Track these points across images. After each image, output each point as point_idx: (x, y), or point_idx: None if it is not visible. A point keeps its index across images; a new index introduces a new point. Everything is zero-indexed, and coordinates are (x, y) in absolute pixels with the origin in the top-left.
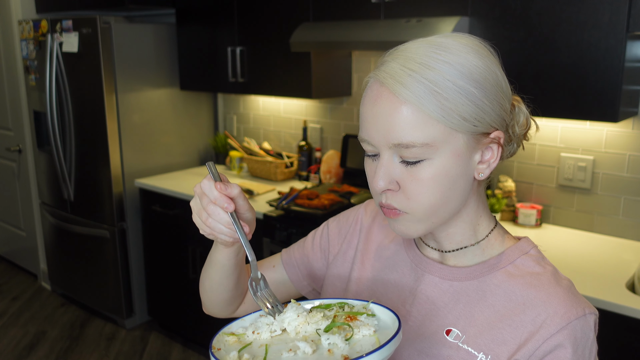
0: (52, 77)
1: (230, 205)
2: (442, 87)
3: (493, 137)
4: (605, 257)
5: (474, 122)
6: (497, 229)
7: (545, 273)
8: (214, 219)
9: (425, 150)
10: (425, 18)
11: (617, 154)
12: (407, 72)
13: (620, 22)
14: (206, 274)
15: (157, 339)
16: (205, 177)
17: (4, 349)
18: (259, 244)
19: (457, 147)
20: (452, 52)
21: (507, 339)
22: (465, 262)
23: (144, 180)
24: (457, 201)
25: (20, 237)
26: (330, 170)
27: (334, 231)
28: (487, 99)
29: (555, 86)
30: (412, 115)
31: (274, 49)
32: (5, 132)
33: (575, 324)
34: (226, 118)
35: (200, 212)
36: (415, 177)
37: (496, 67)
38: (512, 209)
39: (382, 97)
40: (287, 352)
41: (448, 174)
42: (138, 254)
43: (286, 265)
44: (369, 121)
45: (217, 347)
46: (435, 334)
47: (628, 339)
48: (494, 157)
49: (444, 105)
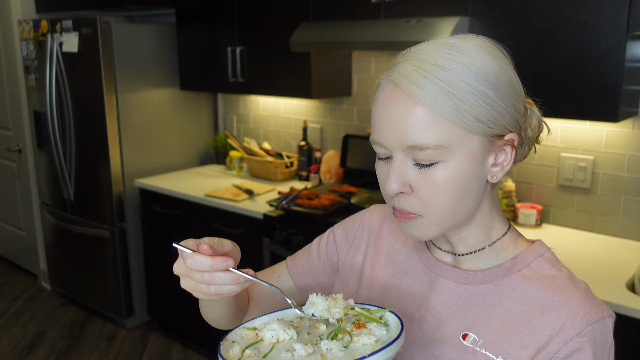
0: (52, 77)
1: (229, 261)
2: (456, 88)
3: (507, 139)
4: (605, 257)
5: (488, 123)
6: (511, 231)
7: (562, 276)
8: (217, 284)
9: (440, 153)
10: (425, 18)
11: (617, 154)
12: (421, 73)
13: (620, 22)
14: (206, 309)
15: (157, 339)
16: (183, 257)
17: (4, 349)
18: (259, 244)
19: (472, 150)
20: (466, 54)
21: (526, 343)
22: (480, 266)
23: (144, 180)
24: (470, 204)
25: (20, 237)
26: (330, 170)
27: (341, 237)
28: (502, 101)
29: (555, 86)
30: (427, 117)
31: (274, 49)
32: (5, 132)
33: (595, 326)
34: (226, 118)
35: (199, 287)
36: (429, 180)
37: (509, 68)
38: (512, 209)
39: (395, 98)
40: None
41: (462, 177)
42: (138, 254)
43: (292, 274)
44: (381, 122)
45: (231, 340)
46: (452, 338)
47: (628, 339)
48: (508, 159)
49: (458, 106)
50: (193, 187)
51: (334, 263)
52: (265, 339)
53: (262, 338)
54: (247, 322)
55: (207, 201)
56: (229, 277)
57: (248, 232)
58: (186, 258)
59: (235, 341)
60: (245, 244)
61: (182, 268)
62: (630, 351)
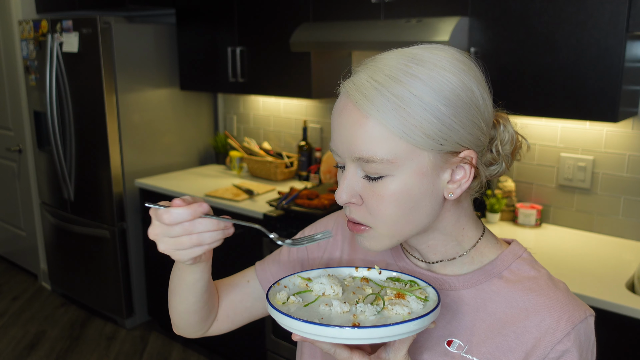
0: (52, 77)
1: (204, 205)
2: (407, 103)
3: (463, 156)
4: (605, 257)
5: (439, 140)
6: (485, 236)
7: (542, 277)
8: (199, 231)
9: (387, 167)
10: (425, 18)
11: (617, 154)
12: (373, 85)
13: (620, 22)
14: (178, 298)
15: (157, 339)
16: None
17: (4, 349)
18: (259, 244)
19: (422, 166)
20: (425, 66)
21: (513, 346)
22: (457, 271)
23: (144, 180)
24: (422, 220)
25: (21, 237)
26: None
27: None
28: (456, 117)
29: (555, 86)
30: (374, 130)
31: (274, 49)
32: (6, 132)
33: (579, 327)
34: (226, 118)
35: (180, 241)
36: (376, 193)
37: (475, 83)
38: (512, 209)
39: (347, 108)
40: (324, 306)
41: (410, 193)
42: (138, 254)
43: (262, 279)
44: (335, 131)
45: (283, 285)
46: (436, 345)
47: (628, 339)
48: (466, 177)
49: (407, 121)
50: (193, 187)
51: (304, 264)
52: (313, 290)
53: (311, 289)
54: (303, 272)
55: (207, 201)
56: (208, 222)
57: (248, 232)
58: (162, 214)
59: (287, 286)
60: (245, 244)
61: (157, 228)
62: (631, 351)
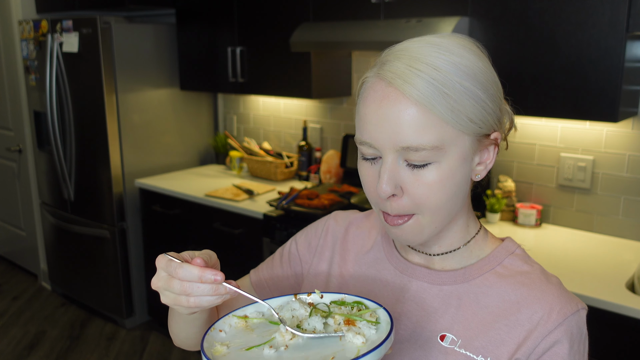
0: (52, 77)
1: (219, 275)
2: (450, 89)
3: (493, 138)
4: (605, 257)
5: (479, 124)
6: (482, 230)
7: (535, 271)
8: (197, 295)
9: (434, 154)
10: (425, 18)
11: (617, 154)
12: (415, 72)
13: (620, 22)
14: (177, 327)
15: (157, 339)
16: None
17: (4, 349)
18: (259, 244)
19: (464, 150)
20: (454, 53)
21: (505, 339)
22: (452, 265)
23: (144, 180)
24: (459, 205)
25: (21, 237)
26: (330, 170)
27: (303, 246)
28: (490, 100)
29: (555, 86)
30: (423, 117)
31: (274, 49)
32: (5, 132)
33: (571, 319)
34: (226, 118)
35: (179, 300)
36: (421, 181)
37: (491, 67)
38: (512, 209)
39: (389, 97)
40: (269, 349)
41: (454, 177)
42: (138, 254)
43: (256, 287)
44: (372, 123)
45: (219, 329)
46: (429, 340)
47: (628, 339)
48: (490, 158)
49: (453, 107)
50: (193, 187)
51: (298, 275)
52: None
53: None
54: (238, 309)
55: (207, 201)
56: (208, 287)
57: (248, 232)
58: (177, 268)
59: (223, 330)
60: (245, 244)
61: (160, 282)
62: (631, 351)
